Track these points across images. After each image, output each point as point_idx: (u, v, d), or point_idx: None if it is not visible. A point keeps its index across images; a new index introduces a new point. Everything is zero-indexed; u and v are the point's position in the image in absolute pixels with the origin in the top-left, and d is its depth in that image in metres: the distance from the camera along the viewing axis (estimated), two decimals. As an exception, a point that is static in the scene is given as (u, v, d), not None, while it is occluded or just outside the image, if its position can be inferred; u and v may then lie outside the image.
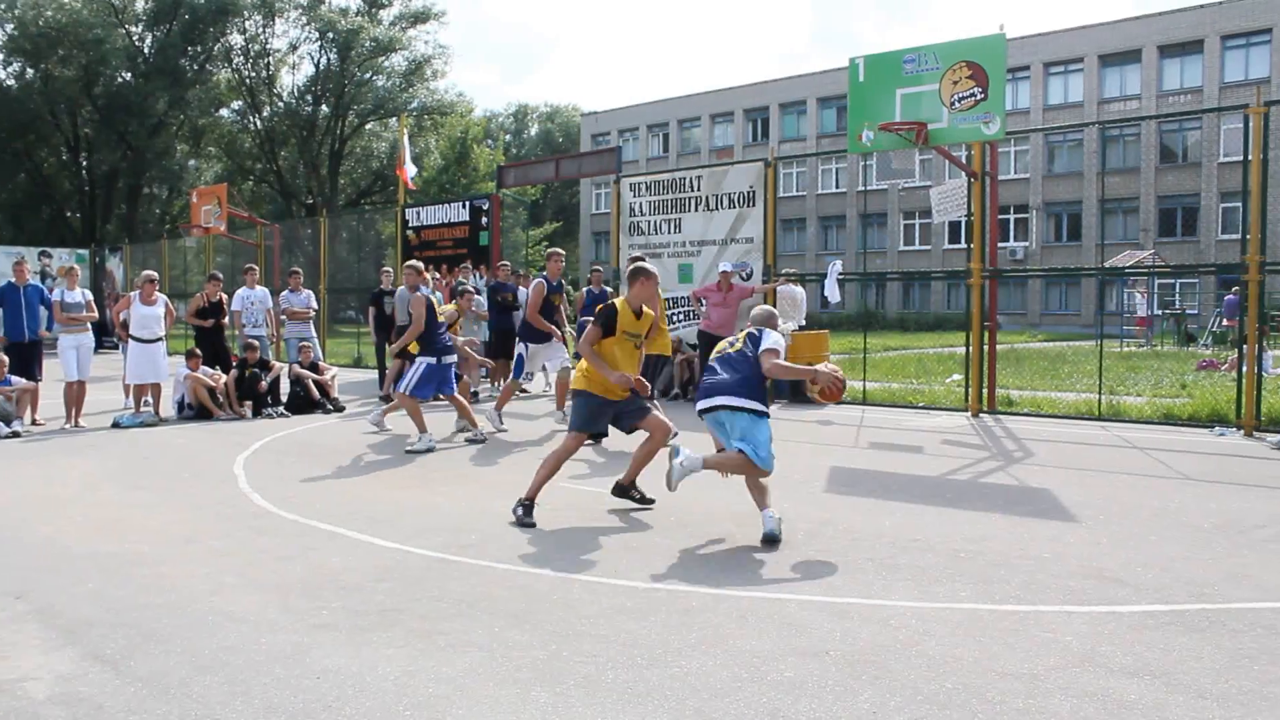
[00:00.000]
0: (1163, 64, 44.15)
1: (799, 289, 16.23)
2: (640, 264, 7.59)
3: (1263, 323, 12.37)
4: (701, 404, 6.76)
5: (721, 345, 7.10)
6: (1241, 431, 11.06)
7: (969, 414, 12.85)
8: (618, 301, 7.38)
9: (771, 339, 6.72)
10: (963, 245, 13.82)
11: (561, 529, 6.76)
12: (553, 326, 12.07)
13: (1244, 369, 11.37)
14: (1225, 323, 26.65)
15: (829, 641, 4.47)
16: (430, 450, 10.26)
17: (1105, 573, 5.52)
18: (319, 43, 54.42)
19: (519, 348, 12.28)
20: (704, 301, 14.30)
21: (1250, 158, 11.23)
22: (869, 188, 44.82)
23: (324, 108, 55.56)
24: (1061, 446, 10.35)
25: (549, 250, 12.76)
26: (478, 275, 18.13)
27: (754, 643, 4.46)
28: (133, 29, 50.82)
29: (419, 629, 4.70)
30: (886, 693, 3.89)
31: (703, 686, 3.97)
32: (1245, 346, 11.44)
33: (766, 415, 6.61)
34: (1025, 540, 6.31)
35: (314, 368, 14.23)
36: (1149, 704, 3.76)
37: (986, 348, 13.15)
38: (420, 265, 11.36)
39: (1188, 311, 34.37)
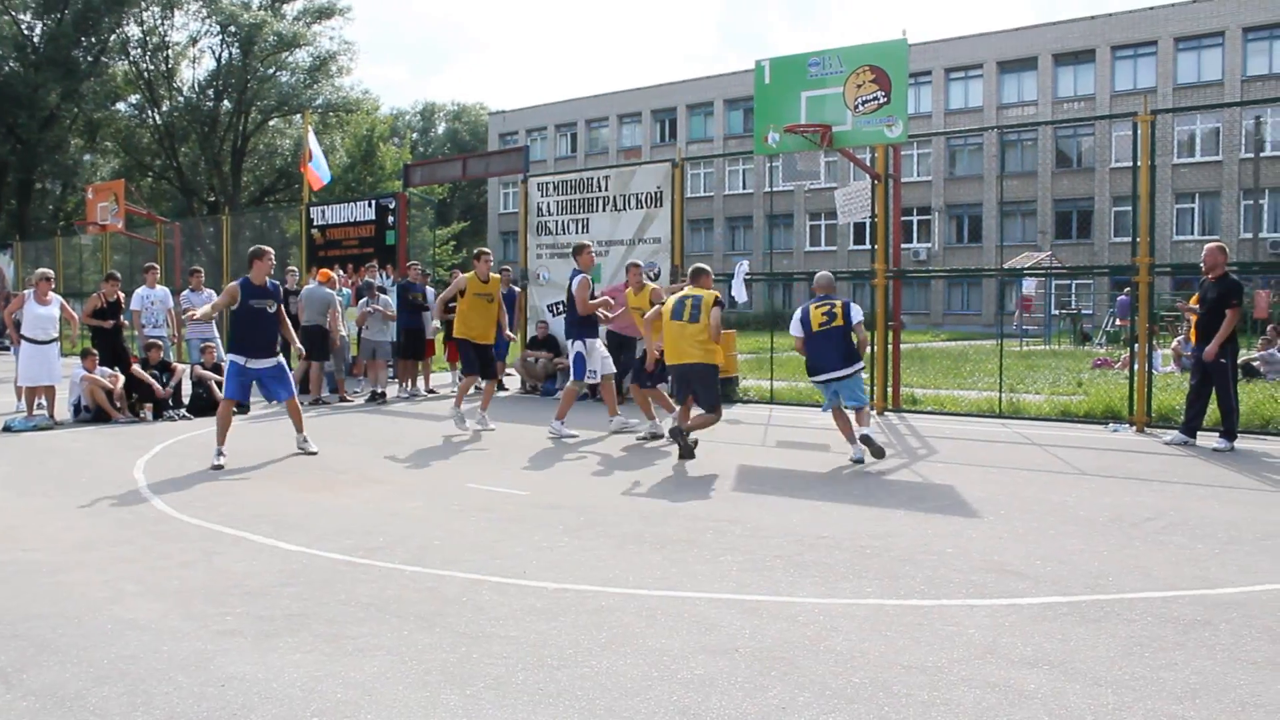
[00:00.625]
0: (1058, 71, 45.48)
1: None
2: (701, 265, 10.06)
3: (1153, 322, 12.79)
4: (821, 377, 9.59)
5: (818, 317, 9.48)
6: (1134, 428, 11.43)
7: (875, 412, 13.05)
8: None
9: (860, 313, 9.58)
10: (867, 246, 14.07)
11: (471, 530, 6.72)
12: (600, 311, 11.67)
13: (1135, 367, 11.76)
14: (1118, 322, 27.53)
15: (738, 639, 4.51)
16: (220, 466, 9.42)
17: (1006, 566, 5.67)
18: (220, 36, 53.18)
19: (576, 346, 11.55)
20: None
21: (1139, 163, 11.61)
22: (775, 189, 45.28)
23: (226, 103, 54.33)
24: (964, 443, 10.58)
25: (577, 244, 12.11)
26: (384, 275, 17.94)
27: (664, 641, 4.48)
28: (20, 16, 49.04)
29: (326, 633, 4.64)
30: (795, 688, 3.94)
31: (613, 686, 3.98)
32: (1137, 345, 11.82)
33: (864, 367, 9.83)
34: (929, 536, 6.44)
35: (216, 369, 13.91)
36: (1048, 693, 3.87)
37: (891, 347, 13.40)
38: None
39: (1083, 311, 35.46)
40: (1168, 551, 6.01)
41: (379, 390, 15.34)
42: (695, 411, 9.76)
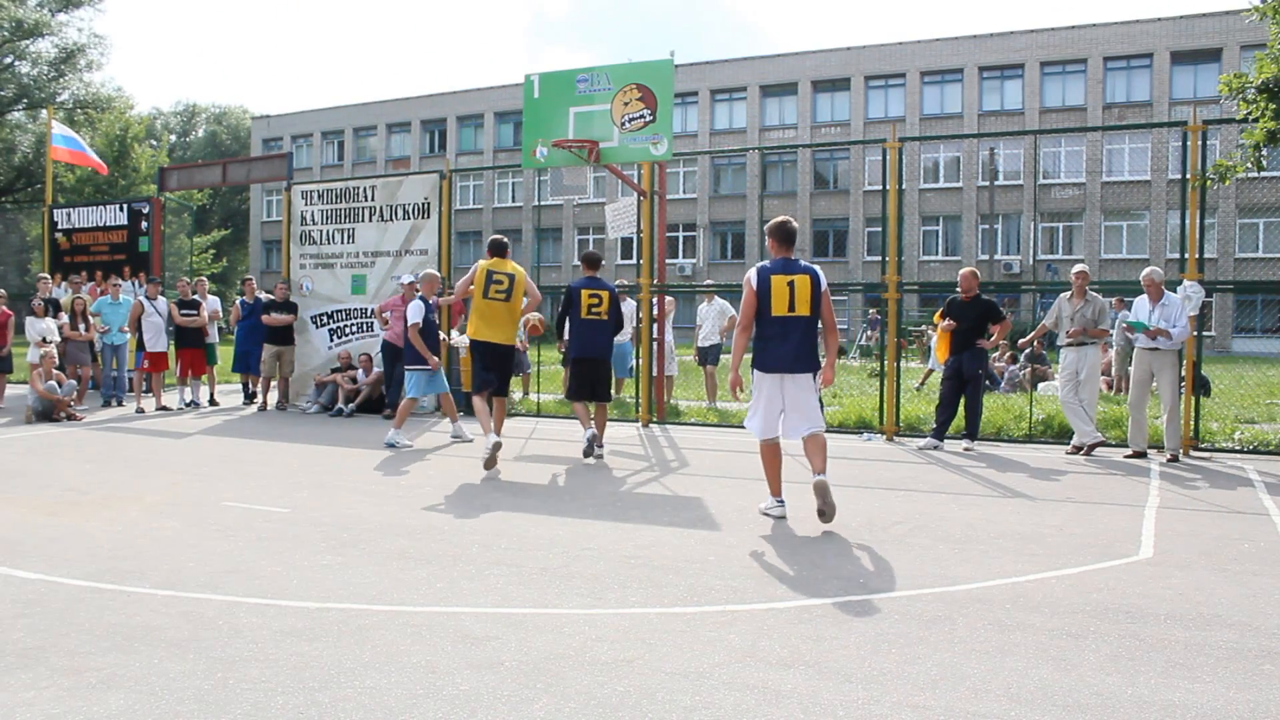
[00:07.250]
0: (816, 97, 47.67)
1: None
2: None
3: (901, 337, 13.55)
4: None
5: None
6: (884, 437, 12.05)
7: (640, 425, 13.27)
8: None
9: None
10: (634, 261, 14.30)
11: (228, 551, 6.42)
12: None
13: (885, 380, 12.41)
14: (870, 336, 29.01)
15: (504, 652, 4.48)
16: None
17: (764, 572, 5.86)
18: (-55, 18, 48.90)
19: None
20: (389, 314, 14.00)
21: (888, 187, 12.29)
22: (544, 203, 45.58)
23: (-47, 90, 50.03)
24: (723, 455, 10.88)
25: (586, 252, 11.48)
26: (136, 283, 17.00)
27: (429, 657, 4.41)
28: None
29: (66, 667, 4.32)
30: (561, 699, 3.94)
31: (376, 706, 3.88)
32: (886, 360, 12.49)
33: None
34: (691, 545, 6.59)
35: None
36: (803, 692, 4.02)
37: (656, 360, 13.65)
38: None
39: (838, 326, 37.14)
40: (913, 553, 6.35)
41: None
42: None
